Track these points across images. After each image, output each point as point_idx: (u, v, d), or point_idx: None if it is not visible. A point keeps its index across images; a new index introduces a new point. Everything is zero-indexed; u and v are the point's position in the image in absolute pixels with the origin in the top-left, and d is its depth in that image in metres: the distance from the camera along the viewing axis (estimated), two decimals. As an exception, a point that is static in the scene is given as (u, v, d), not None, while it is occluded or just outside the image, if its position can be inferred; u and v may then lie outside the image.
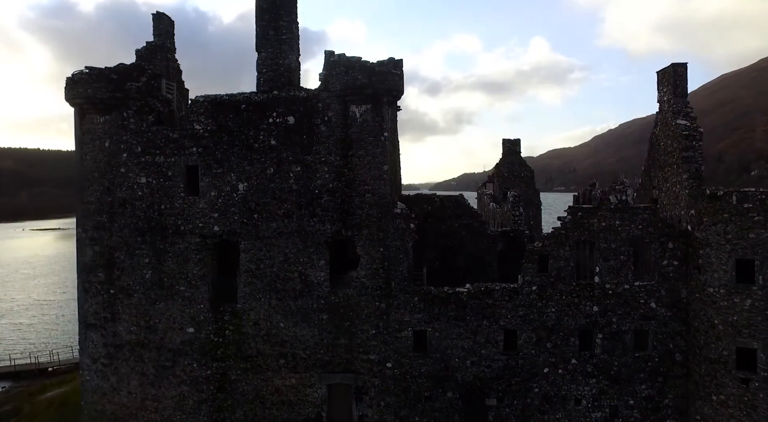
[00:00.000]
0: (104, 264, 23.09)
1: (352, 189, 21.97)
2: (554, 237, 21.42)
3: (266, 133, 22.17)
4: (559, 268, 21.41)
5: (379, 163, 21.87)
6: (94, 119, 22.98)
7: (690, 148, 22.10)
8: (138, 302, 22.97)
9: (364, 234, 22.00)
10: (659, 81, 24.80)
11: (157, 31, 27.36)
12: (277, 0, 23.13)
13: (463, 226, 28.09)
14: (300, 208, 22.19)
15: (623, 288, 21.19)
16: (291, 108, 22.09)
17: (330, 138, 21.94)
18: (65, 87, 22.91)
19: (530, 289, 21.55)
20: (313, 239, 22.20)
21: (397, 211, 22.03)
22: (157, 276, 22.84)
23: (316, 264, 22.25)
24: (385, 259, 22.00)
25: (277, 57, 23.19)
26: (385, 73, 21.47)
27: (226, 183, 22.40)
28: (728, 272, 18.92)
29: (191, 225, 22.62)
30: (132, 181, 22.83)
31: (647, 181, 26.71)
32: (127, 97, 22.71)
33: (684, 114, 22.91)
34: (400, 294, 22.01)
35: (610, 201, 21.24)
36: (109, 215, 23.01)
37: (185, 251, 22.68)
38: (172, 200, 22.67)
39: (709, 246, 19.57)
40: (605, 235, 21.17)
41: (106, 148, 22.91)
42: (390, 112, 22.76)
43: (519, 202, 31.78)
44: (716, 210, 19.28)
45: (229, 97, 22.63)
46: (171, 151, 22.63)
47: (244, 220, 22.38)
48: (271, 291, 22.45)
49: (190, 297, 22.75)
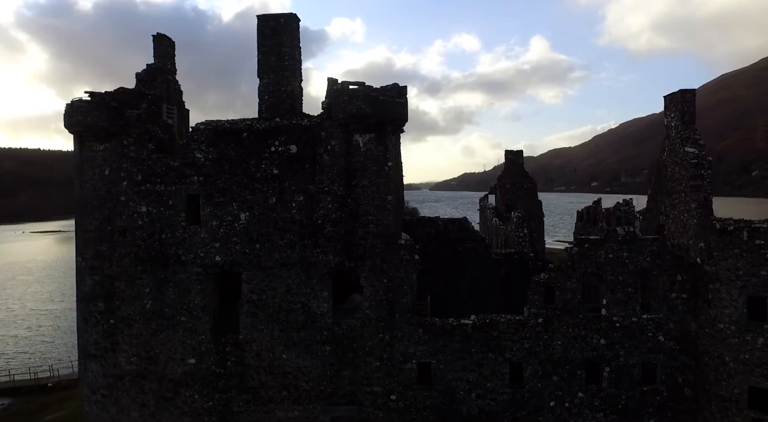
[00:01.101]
0: (104, 293, 22.77)
1: (356, 219, 21.66)
2: (560, 269, 21.11)
3: (268, 162, 21.85)
4: (565, 300, 21.10)
5: (383, 193, 21.55)
6: (93, 147, 22.65)
7: (698, 176, 21.77)
8: (138, 332, 22.66)
9: (368, 265, 21.69)
10: (666, 105, 24.48)
11: (157, 53, 27.07)
12: (278, 26, 22.80)
13: (467, 250, 27.81)
14: (303, 239, 21.88)
15: (631, 321, 20.88)
16: (293, 136, 21.77)
17: (333, 167, 21.62)
18: (64, 114, 22.58)
19: (536, 321, 21.24)
20: (316, 270, 21.88)
21: (402, 242, 21.71)
22: (158, 306, 22.52)
23: (319, 295, 21.94)
24: (389, 291, 21.69)
25: (279, 84, 22.86)
26: (389, 102, 21.15)
27: (228, 212, 22.08)
28: (739, 309, 18.61)
29: (192, 255, 22.29)
30: (132, 209, 22.50)
31: (654, 206, 26.39)
32: (127, 125, 22.37)
33: (692, 141, 22.58)
34: (405, 326, 21.71)
35: (617, 232, 20.91)
36: (109, 244, 22.69)
37: (186, 281, 22.36)
38: (173, 229, 22.35)
39: (719, 281, 19.26)
40: (612, 267, 20.85)
41: (106, 176, 22.58)
42: (394, 140, 22.44)
43: (523, 223, 31.47)
44: (726, 245, 18.97)
45: (230, 124, 22.31)
46: (172, 180, 22.30)
47: (246, 250, 22.06)
48: (274, 322, 22.14)
49: (191, 327, 22.44)
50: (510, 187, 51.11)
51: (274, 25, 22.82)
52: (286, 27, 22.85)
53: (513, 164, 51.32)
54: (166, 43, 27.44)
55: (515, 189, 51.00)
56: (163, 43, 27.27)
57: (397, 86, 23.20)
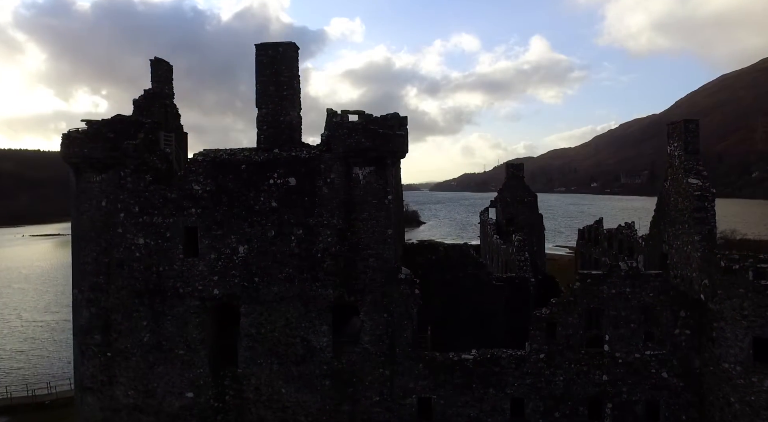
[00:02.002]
0: (101, 326, 22.51)
1: (356, 253, 21.39)
2: (562, 304, 20.85)
3: (267, 195, 21.58)
4: (567, 336, 20.85)
5: (383, 226, 21.28)
6: (90, 178, 22.37)
7: (702, 208, 21.53)
8: (136, 365, 22.40)
9: (368, 299, 21.43)
10: (669, 134, 24.24)
11: (155, 78, 26.80)
12: (277, 55, 22.52)
13: (468, 276, 27.56)
14: (302, 272, 21.61)
15: (634, 357, 20.63)
16: (292, 169, 21.50)
17: (332, 200, 21.35)
18: (61, 145, 22.33)
19: (538, 357, 20.99)
20: (316, 304, 21.62)
21: (402, 276, 21.45)
22: (155, 339, 22.26)
23: (319, 329, 21.68)
24: (389, 325, 21.44)
25: (277, 114, 22.60)
26: (389, 135, 20.89)
27: (226, 245, 21.81)
28: (745, 349, 18.37)
29: (190, 288, 22.03)
30: (129, 241, 22.23)
31: (656, 233, 26.14)
32: (125, 156, 22.09)
33: (696, 172, 22.34)
34: (405, 361, 21.46)
35: (620, 267, 20.65)
36: (106, 276, 22.42)
37: (184, 314, 22.10)
38: (171, 262, 22.08)
39: (724, 319, 19.01)
40: (615, 303, 20.60)
41: (103, 208, 22.31)
42: (394, 171, 22.17)
43: (524, 247, 31.20)
44: (731, 283, 18.71)
45: (228, 156, 22.04)
46: (169, 212, 22.03)
47: (245, 284, 21.80)
48: (273, 355, 21.88)
49: (189, 361, 22.18)
50: (510, 200, 50.83)
51: (272, 54, 22.54)
52: (284, 56, 22.58)
53: (513, 177, 51.05)
54: (164, 67, 27.17)
55: (516, 202, 50.73)
56: (160, 68, 27.00)
57: (397, 116, 22.87)
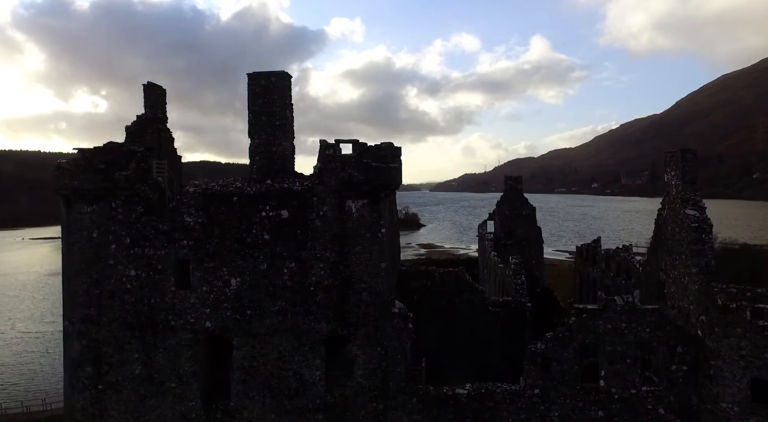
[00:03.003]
0: (92, 358, 22.26)
1: (349, 286, 21.17)
2: (558, 339, 20.61)
3: (259, 227, 21.35)
4: (562, 371, 20.62)
5: (377, 260, 21.05)
6: (81, 209, 22.14)
7: (699, 240, 21.29)
8: (127, 398, 22.16)
9: (361, 333, 21.21)
10: (667, 162, 24.02)
11: (148, 102, 26.58)
12: (270, 84, 22.29)
13: (463, 302, 27.38)
14: (294, 305, 21.39)
15: (630, 393, 20.38)
16: (285, 201, 21.26)
17: (325, 233, 21.12)
18: (53, 176, 22.12)
19: (533, 392, 20.75)
20: (309, 337, 21.40)
21: (396, 310, 21.23)
22: (147, 372, 22.03)
23: (312, 363, 21.46)
24: (383, 359, 21.21)
25: (270, 144, 22.37)
26: (382, 169, 20.65)
27: (218, 278, 21.57)
28: (743, 390, 18.13)
29: (182, 321, 21.80)
30: (121, 273, 22.00)
31: (653, 261, 25.91)
32: (116, 187, 21.86)
33: (693, 203, 22.10)
34: (399, 395, 21.23)
35: (616, 302, 20.41)
36: (97, 308, 22.19)
37: (176, 347, 21.87)
38: (163, 294, 21.85)
39: (722, 358, 18.76)
40: (611, 338, 20.35)
41: (94, 239, 22.07)
42: (388, 203, 21.94)
43: (520, 271, 30.96)
44: (728, 323, 18.47)
45: (220, 188, 21.83)
46: (161, 244, 21.80)
47: (237, 317, 21.57)
48: (265, 389, 21.66)
49: (181, 394, 21.95)
50: (509, 213, 50.45)
51: (265, 84, 22.31)
52: (277, 85, 22.34)
53: (512, 190, 50.65)
54: (157, 91, 26.95)
55: (514, 215, 50.35)
56: (153, 92, 26.78)
57: (391, 146, 22.61)
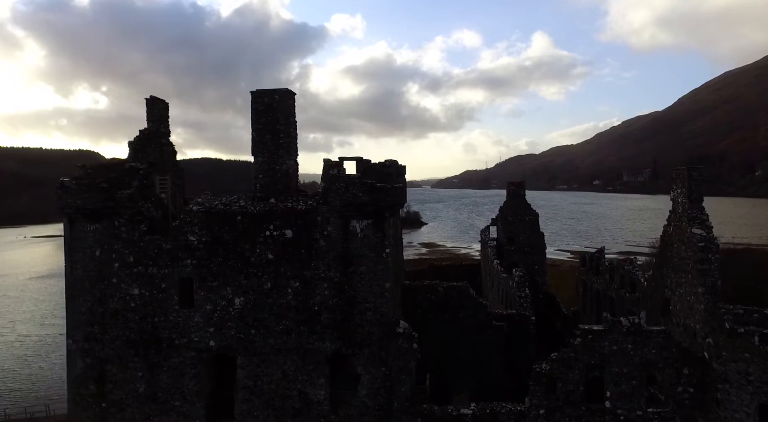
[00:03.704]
0: (95, 377, 22.24)
1: (353, 306, 21.09)
2: (563, 360, 20.53)
3: (263, 246, 21.26)
4: (567, 392, 20.54)
5: (381, 280, 20.96)
6: (84, 227, 22.07)
7: (706, 260, 21.15)
8: (131, 416, 22.13)
9: (366, 353, 21.15)
10: (673, 179, 23.84)
11: (150, 117, 26.53)
12: (273, 102, 22.13)
13: (467, 317, 27.32)
14: (299, 325, 21.32)
15: (636, 415, 20.30)
16: (289, 221, 21.16)
17: (329, 253, 21.02)
18: (57, 195, 22.02)
19: (538, 413, 20.69)
20: (313, 357, 21.33)
21: (400, 330, 21.14)
22: (150, 390, 21.99)
23: (316, 382, 21.40)
24: (387, 379, 21.15)
25: (273, 162, 22.24)
26: (387, 189, 20.51)
27: (222, 297, 21.51)
28: (751, 415, 18.05)
29: (186, 339, 21.76)
30: (124, 291, 21.94)
31: (659, 277, 25.79)
32: (119, 206, 21.79)
33: (699, 222, 21.94)
34: (403, 415, 21.17)
35: (622, 323, 20.30)
36: (100, 326, 22.15)
37: (180, 365, 21.83)
38: (167, 313, 21.79)
39: (729, 382, 18.67)
40: (617, 359, 20.27)
41: (97, 257, 22.01)
42: (392, 221, 21.82)
43: (525, 283, 30.85)
44: (736, 347, 18.37)
45: (224, 206, 21.72)
46: (164, 262, 21.73)
47: (241, 336, 21.51)
48: (270, 408, 21.61)
49: (185, 412, 21.91)
50: (512, 219, 50.40)
51: (268, 102, 22.16)
52: (281, 104, 22.18)
53: (515, 196, 50.57)
54: (160, 105, 26.88)
55: (517, 221, 50.30)
56: (156, 106, 26.71)
57: (395, 164, 22.61)
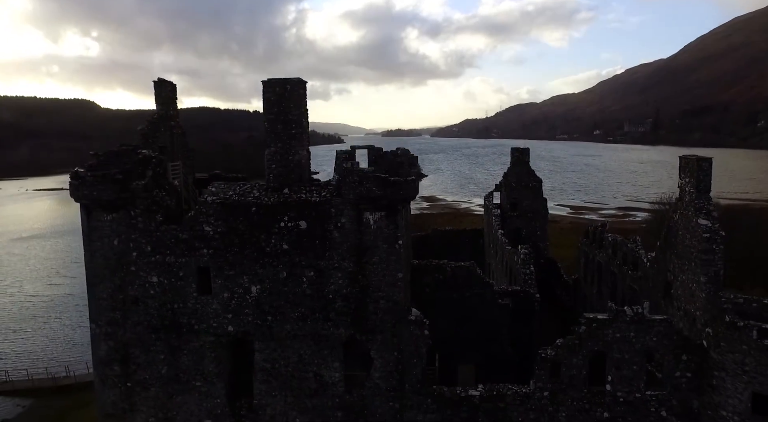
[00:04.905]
0: (119, 359, 23.23)
1: (366, 295, 21.80)
2: (567, 346, 21.45)
3: (278, 237, 21.73)
4: (571, 376, 21.58)
5: (394, 270, 21.58)
6: (101, 216, 22.43)
7: (710, 251, 21.73)
8: (155, 395, 23.30)
9: (378, 339, 22.04)
10: (681, 167, 24.05)
11: (159, 99, 26.53)
12: (285, 92, 22.05)
13: (474, 296, 28.14)
14: (314, 312, 22.10)
15: (635, 397, 21.43)
16: (303, 212, 21.55)
17: (343, 244, 21.53)
18: (70, 186, 22.28)
19: (542, 395, 21.82)
20: (327, 342, 22.24)
21: (412, 318, 21.95)
22: (173, 371, 23.04)
23: (331, 365, 22.41)
24: (399, 363, 22.15)
25: (286, 152, 22.39)
26: (400, 183, 20.80)
27: (239, 285, 22.18)
28: (744, 402, 19.08)
29: (205, 325, 22.59)
30: (144, 279, 22.58)
31: (662, 259, 26.43)
32: (134, 196, 22.10)
33: (706, 212, 22.35)
34: (414, 396, 22.32)
35: (626, 312, 21.09)
36: (122, 312, 22.93)
37: (200, 349, 22.77)
38: (185, 300, 22.52)
39: (725, 370, 19.63)
40: (619, 346, 21.18)
41: (116, 247, 22.50)
42: (404, 212, 22.20)
43: (530, 260, 31.56)
44: (734, 339, 19.20)
45: (238, 197, 22.04)
46: (181, 252, 22.25)
47: (258, 322, 22.33)
48: (287, 389, 22.74)
49: (206, 392, 23.06)
50: (515, 185, 50.69)
51: (280, 92, 22.08)
52: (292, 94, 22.12)
53: (519, 162, 50.66)
54: (168, 87, 26.83)
55: (520, 187, 50.65)
56: (164, 89, 26.66)
57: (407, 152, 22.79)
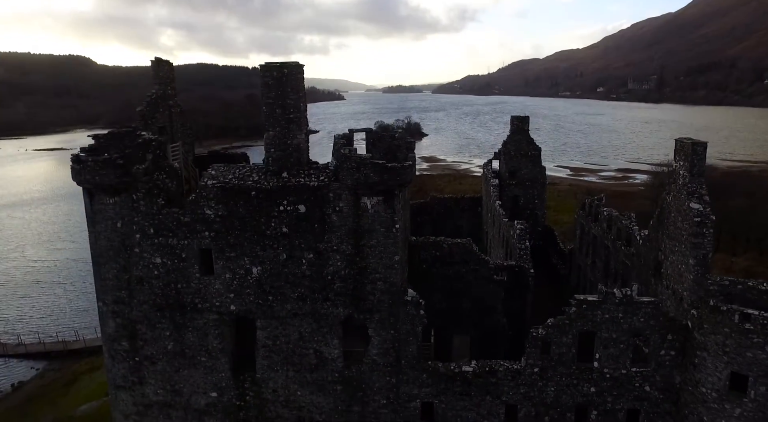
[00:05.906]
0: (127, 335, 24.19)
1: (364, 276, 22.49)
2: (558, 326, 22.28)
3: (278, 221, 22.24)
4: (560, 354, 22.52)
5: (391, 252, 22.18)
6: (103, 200, 22.88)
7: (700, 234, 22.29)
8: (163, 369, 24.39)
9: (376, 318, 22.88)
10: (676, 150, 24.31)
11: (157, 79, 26.49)
12: (282, 76, 22.04)
13: (470, 271, 28.88)
14: (313, 292, 22.85)
15: (620, 373, 22.44)
16: (302, 197, 21.97)
17: (341, 227, 22.06)
18: (72, 170, 22.59)
19: (532, 371, 22.82)
20: (327, 320, 23.10)
21: (408, 298, 22.71)
22: (178, 347, 24.03)
23: (330, 342, 23.35)
24: (396, 340, 23.07)
25: (285, 136, 22.56)
26: (397, 169, 21.13)
27: (240, 266, 22.84)
28: (722, 380, 20.03)
29: (208, 304, 23.40)
30: (147, 260, 23.23)
31: (654, 238, 27.01)
32: (136, 180, 22.47)
33: (698, 197, 22.77)
34: (410, 371, 23.36)
35: (615, 294, 21.81)
36: (127, 291, 23.70)
37: (204, 326, 23.68)
38: (188, 280, 23.24)
39: (707, 350, 20.50)
40: (607, 326, 22.01)
41: (119, 229, 23.04)
42: (401, 197, 22.61)
43: (526, 235, 32.15)
44: (717, 322, 19.96)
45: (238, 181, 22.40)
46: (183, 234, 22.81)
47: (260, 301, 23.12)
48: (288, 364, 23.77)
49: (211, 366, 24.12)
50: (514, 153, 50.76)
51: (278, 76, 22.05)
52: (290, 77, 22.09)
53: (519, 131, 50.56)
54: (165, 67, 26.75)
55: (519, 156, 50.76)
56: (162, 68, 26.61)
57: (405, 137, 22.99)
